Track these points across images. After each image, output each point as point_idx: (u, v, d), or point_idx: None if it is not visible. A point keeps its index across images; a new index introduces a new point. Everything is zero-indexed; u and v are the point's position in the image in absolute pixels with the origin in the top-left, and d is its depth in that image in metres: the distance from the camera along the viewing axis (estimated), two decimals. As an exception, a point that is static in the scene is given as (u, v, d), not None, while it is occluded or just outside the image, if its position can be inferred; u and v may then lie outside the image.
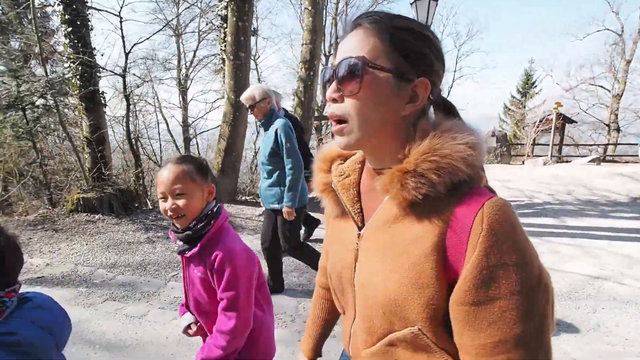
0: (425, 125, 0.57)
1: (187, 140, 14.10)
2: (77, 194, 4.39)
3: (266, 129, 2.61)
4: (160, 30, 9.15)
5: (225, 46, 6.66)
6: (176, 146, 13.90)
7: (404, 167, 0.54)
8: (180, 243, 1.07)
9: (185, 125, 14.67)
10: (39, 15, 14.04)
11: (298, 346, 0.97)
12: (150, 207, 5.32)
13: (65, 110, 7.05)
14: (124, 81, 5.34)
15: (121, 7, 5.46)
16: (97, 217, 4.26)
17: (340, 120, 0.57)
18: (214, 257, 1.02)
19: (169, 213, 1.02)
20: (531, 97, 24.11)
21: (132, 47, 5.55)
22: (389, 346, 0.59)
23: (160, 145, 14.19)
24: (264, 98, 2.51)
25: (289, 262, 3.51)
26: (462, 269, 0.49)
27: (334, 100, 0.57)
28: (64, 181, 7.85)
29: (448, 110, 0.62)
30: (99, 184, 4.69)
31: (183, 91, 15.23)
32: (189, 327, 1.20)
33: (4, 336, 0.71)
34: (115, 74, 5.52)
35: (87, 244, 3.74)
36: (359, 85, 0.54)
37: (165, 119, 13.82)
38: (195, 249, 1.04)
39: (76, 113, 7.47)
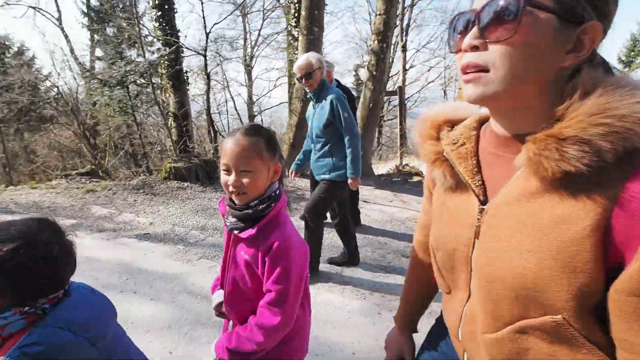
0: (588, 79, 0.47)
1: (252, 118, 14.82)
2: (168, 163, 4.92)
3: (317, 101, 2.54)
4: (235, 10, 9.47)
5: (294, 22, 6.66)
6: (241, 123, 14.71)
7: (559, 132, 0.46)
8: (233, 220, 0.97)
9: (250, 103, 15.38)
10: (127, 3, 15.51)
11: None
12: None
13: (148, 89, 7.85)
14: (205, 60, 5.69)
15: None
16: (186, 184, 4.75)
17: (476, 71, 0.50)
18: (270, 244, 0.92)
19: (230, 189, 0.93)
20: (637, 68, 20.23)
21: (212, 27, 5.85)
22: (519, 333, 0.53)
23: (228, 121, 15.16)
24: (319, 67, 2.44)
25: (361, 237, 3.54)
26: (635, 253, 0.42)
27: (473, 49, 0.50)
28: (148, 153, 8.87)
29: (604, 66, 0.51)
30: (185, 155, 5.19)
31: (248, 70, 15.86)
32: (221, 305, 1.11)
33: (29, 347, 0.67)
34: (199, 53, 5.91)
35: (180, 208, 4.20)
36: (513, 29, 0.45)
37: (232, 97, 14.69)
38: (252, 231, 0.94)
39: (158, 92, 8.29)
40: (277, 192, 0.99)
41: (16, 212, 3.68)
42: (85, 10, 15.03)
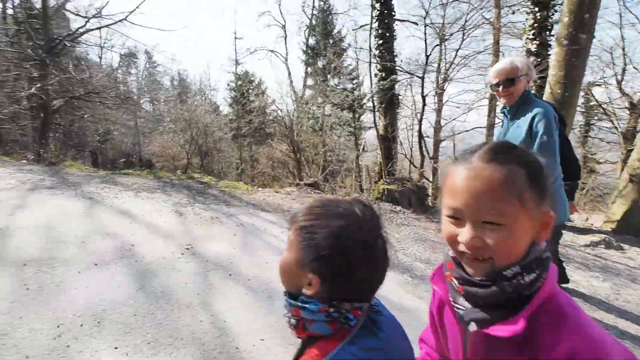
0: None
1: (437, 143, 14.08)
2: (382, 184, 4.96)
3: (514, 117, 2.09)
4: (452, 35, 9.24)
5: (532, 34, 5.73)
6: (425, 149, 14.10)
7: None
8: (468, 305, 0.60)
9: (438, 127, 14.69)
10: (336, 39, 18.00)
11: None
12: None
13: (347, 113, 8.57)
14: (422, 82, 5.56)
15: (427, 13, 5.68)
16: (398, 208, 4.64)
17: None
18: (562, 354, 0.50)
19: (462, 248, 0.57)
20: None
21: (432, 50, 5.69)
22: None
23: (411, 147, 14.92)
24: (526, 74, 2.02)
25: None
26: None
27: None
28: (338, 170, 9.62)
29: None
30: (397, 178, 5.14)
31: (439, 93, 15.26)
32: None
33: None
34: (417, 76, 5.88)
35: (397, 233, 4.06)
36: None
37: (419, 121, 14.41)
38: (516, 326, 0.53)
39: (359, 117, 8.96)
40: (546, 255, 0.60)
41: (268, 211, 4.45)
42: (304, 49, 18.68)
